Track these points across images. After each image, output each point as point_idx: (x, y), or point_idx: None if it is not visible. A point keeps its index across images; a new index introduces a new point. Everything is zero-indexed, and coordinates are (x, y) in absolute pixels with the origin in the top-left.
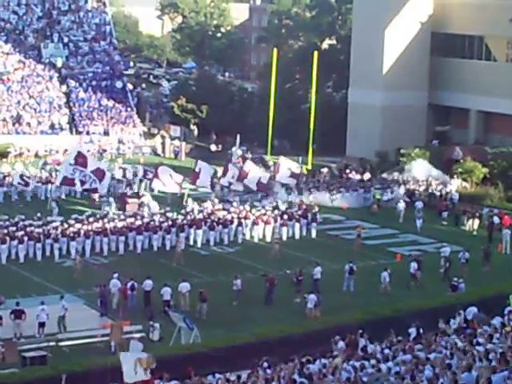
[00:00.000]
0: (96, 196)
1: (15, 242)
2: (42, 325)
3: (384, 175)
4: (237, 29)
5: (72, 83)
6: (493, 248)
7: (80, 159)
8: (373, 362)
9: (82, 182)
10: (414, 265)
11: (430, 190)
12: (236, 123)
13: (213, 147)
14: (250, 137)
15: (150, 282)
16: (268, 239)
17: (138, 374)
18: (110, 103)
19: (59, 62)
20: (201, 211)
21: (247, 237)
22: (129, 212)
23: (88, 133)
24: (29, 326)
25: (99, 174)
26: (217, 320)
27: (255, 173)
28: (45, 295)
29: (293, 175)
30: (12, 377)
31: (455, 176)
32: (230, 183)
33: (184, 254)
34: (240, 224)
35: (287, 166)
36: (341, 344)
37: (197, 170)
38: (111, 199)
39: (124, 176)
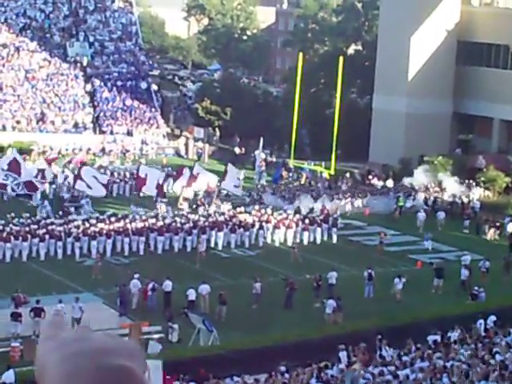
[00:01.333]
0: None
1: (36, 240)
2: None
3: (405, 182)
4: (263, 32)
5: (97, 82)
6: None
7: (14, 166)
8: (391, 368)
9: (13, 190)
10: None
11: (452, 199)
12: (260, 126)
13: (236, 150)
14: (273, 140)
15: (169, 282)
16: (289, 243)
17: None
18: (135, 103)
19: (84, 61)
20: (222, 213)
21: (268, 240)
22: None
23: (112, 132)
24: None
25: (31, 187)
26: (236, 323)
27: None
28: (65, 294)
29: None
30: (30, 374)
31: (477, 184)
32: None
33: (205, 256)
34: (261, 227)
35: (235, 175)
36: (343, 354)
37: (142, 175)
38: (46, 202)
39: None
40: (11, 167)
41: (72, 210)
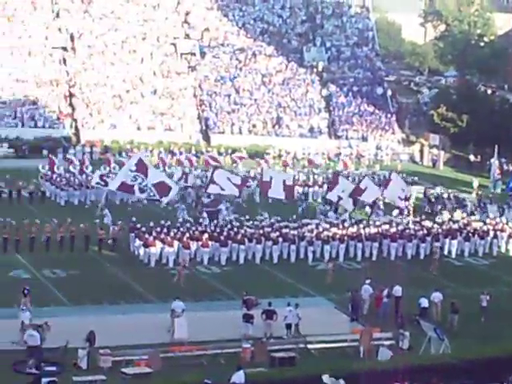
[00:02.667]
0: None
1: (270, 243)
2: (289, 326)
3: None
4: (500, 39)
5: (332, 87)
6: None
7: (141, 167)
8: None
9: (142, 191)
10: None
11: None
12: (495, 134)
13: (471, 157)
14: (509, 148)
15: (399, 288)
16: None
17: None
18: (370, 109)
19: (320, 66)
20: (456, 221)
21: (502, 249)
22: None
23: (347, 137)
24: (279, 326)
25: (162, 188)
26: (467, 332)
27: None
28: (296, 297)
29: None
30: (260, 376)
31: None
32: (340, 197)
33: (439, 263)
34: (495, 236)
35: (400, 185)
36: None
37: (266, 179)
38: (183, 206)
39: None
40: (138, 168)
41: (204, 215)
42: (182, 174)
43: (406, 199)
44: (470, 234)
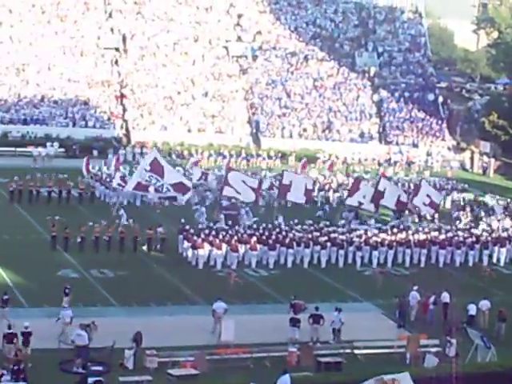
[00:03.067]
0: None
1: (318, 247)
2: (336, 331)
3: None
4: None
5: (384, 93)
6: None
7: (156, 166)
8: None
9: (157, 191)
10: None
11: None
12: None
13: None
14: None
15: (447, 294)
16: None
17: None
18: (421, 115)
19: (372, 71)
20: (506, 229)
21: None
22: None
23: (397, 143)
24: (326, 331)
25: (180, 188)
26: None
27: (392, 192)
28: (344, 302)
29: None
30: (306, 380)
31: None
32: (360, 203)
33: (488, 271)
34: None
35: (427, 192)
36: None
37: (286, 182)
38: (203, 209)
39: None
40: (153, 168)
41: (221, 217)
42: (202, 175)
43: (435, 207)
44: None
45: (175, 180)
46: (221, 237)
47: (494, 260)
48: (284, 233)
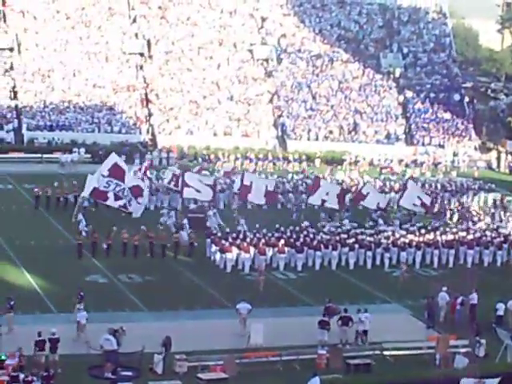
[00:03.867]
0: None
1: (346, 249)
2: (363, 333)
3: None
4: None
5: (409, 94)
6: None
7: (116, 171)
8: None
9: (117, 197)
10: None
11: None
12: None
13: None
14: None
15: (475, 295)
16: None
17: None
18: (447, 115)
19: (397, 72)
20: None
21: None
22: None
23: (423, 144)
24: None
25: (136, 191)
26: None
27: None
28: (373, 303)
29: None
30: (335, 382)
31: None
32: (324, 200)
33: None
34: None
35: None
36: None
37: (247, 183)
38: (172, 213)
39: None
40: (112, 173)
41: (185, 221)
42: (172, 177)
43: (427, 207)
44: None
45: (133, 183)
46: (248, 240)
47: None
48: (312, 235)
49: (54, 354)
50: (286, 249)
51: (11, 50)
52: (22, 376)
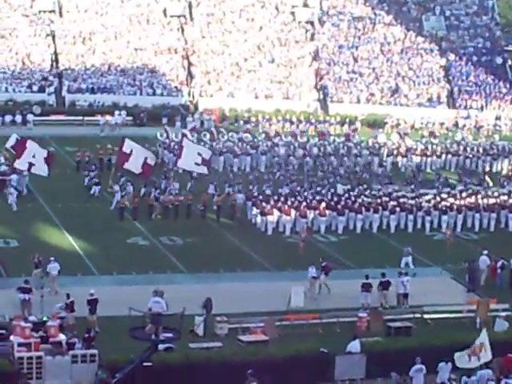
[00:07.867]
0: None
1: (387, 212)
2: (403, 296)
3: None
4: None
5: (452, 57)
6: None
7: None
8: None
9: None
10: None
11: None
12: None
13: None
14: None
15: None
16: None
17: (472, 361)
18: (489, 79)
19: (439, 35)
20: None
21: None
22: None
23: (466, 108)
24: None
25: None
26: None
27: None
28: (413, 267)
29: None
30: (376, 345)
31: None
32: (31, 164)
33: None
34: None
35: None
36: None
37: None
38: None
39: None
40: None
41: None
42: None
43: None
44: None
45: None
46: (289, 203)
47: None
48: (353, 198)
49: (92, 314)
50: (327, 212)
51: (53, 12)
52: (63, 338)
